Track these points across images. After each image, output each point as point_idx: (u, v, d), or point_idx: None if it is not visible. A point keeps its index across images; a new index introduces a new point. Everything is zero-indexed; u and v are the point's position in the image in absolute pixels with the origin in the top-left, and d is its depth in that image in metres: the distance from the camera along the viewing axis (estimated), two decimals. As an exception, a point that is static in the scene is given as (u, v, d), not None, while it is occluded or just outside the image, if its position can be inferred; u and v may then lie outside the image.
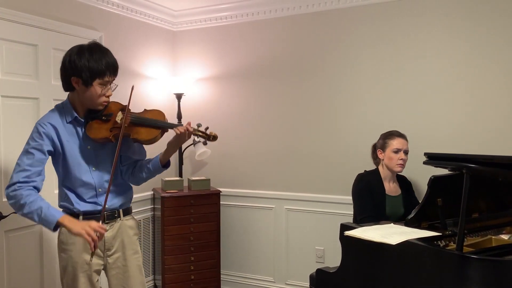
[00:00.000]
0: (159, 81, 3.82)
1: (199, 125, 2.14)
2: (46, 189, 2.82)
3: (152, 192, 3.78)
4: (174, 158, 4.00)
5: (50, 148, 1.97)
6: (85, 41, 3.07)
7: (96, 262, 2.06)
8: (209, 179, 3.67)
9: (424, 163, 2.00)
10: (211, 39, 3.89)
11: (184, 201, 3.49)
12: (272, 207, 3.68)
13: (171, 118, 3.65)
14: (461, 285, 1.72)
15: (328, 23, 3.41)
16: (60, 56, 2.88)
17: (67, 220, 1.86)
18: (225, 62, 3.84)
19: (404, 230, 2.05)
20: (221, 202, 3.66)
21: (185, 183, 3.82)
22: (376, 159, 2.85)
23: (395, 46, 3.18)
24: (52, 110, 2.07)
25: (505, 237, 2.18)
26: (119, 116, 2.06)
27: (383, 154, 2.76)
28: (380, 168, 2.81)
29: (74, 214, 2.02)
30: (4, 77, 2.60)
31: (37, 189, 1.92)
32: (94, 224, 1.85)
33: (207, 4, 3.71)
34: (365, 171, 2.86)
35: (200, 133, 2.13)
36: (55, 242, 2.85)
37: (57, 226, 1.87)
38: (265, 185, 3.72)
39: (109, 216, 2.09)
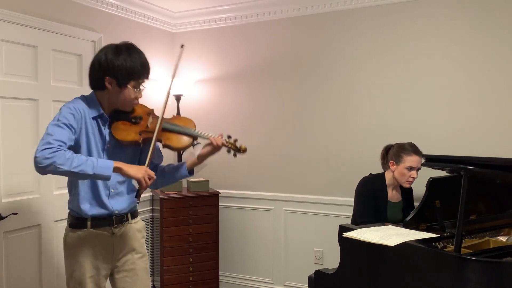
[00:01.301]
0: (158, 83, 3.82)
1: (229, 137, 2.12)
2: (47, 188, 2.83)
3: (151, 193, 3.78)
4: (173, 159, 4.00)
5: (78, 131, 1.89)
6: (84, 43, 3.11)
7: (104, 266, 2.03)
8: (208, 181, 3.68)
9: (423, 165, 2.02)
10: (210, 41, 3.89)
11: (183, 202, 3.49)
12: (271, 209, 3.68)
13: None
14: (459, 286, 1.72)
15: (328, 25, 3.42)
16: (60, 57, 2.93)
17: (122, 164, 1.82)
18: (224, 64, 3.85)
19: (403, 232, 2.05)
20: (220, 204, 3.66)
21: (184, 185, 3.82)
22: (385, 165, 2.80)
23: (397, 48, 3.19)
24: (79, 99, 1.98)
25: (503, 238, 2.19)
26: (149, 120, 2.03)
27: (395, 166, 2.68)
28: (386, 174, 2.76)
29: (82, 219, 1.99)
30: (3, 78, 2.60)
31: None
32: (148, 170, 1.85)
33: (206, 5, 3.72)
34: (370, 174, 2.82)
35: (230, 145, 2.11)
36: (54, 243, 2.87)
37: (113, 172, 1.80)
38: (264, 187, 3.72)
39: (118, 220, 2.05)
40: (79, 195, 1.98)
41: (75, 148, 1.91)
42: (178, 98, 3.77)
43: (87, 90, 2.09)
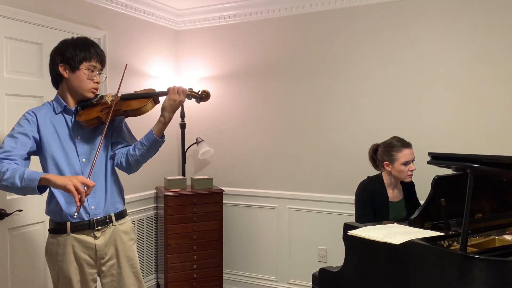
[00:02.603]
0: (162, 80, 3.82)
1: (190, 89, 2.12)
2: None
3: (155, 191, 3.79)
4: (177, 157, 4.00)
5: (36, 135, 1.93)
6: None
7: (89, 271, 1.99)
8: (212, 178, 3.68)
9: (428, 163, 2.00)
10: (215, 38, 3.89)
11: (187, 200, 3.49)
12: (275, 207, 3.68)
13: (174, 116, 3.64)
14: (465, 285, 1.72)
15: (331, 23, 3.41)
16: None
17: (51, 175, 1.78)
18: (228, 62, 3.84)
19: (408, 230, 2.05)
20: (223, 201, 3.66)
21: (188, 182, 3.83)
22: (379, 167, 2.77)
23: (398, 46, 3.18)
24: (42, 104, 2.06)
25: (508, 237, 2.17)
26: (109, 97, 2.05)
27: (390, 166, 2.65)
28: (384, 175, 2.73)
29: (61, 223, 1.95)
30: (8, 76, 2.61)
31: None
32: (80, 177, 1.77)
33: (210, 3, 3.71)
34: (368, 177, 2.79)
35: (191, 93, 2.09)
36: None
37: (41, 186, 1.77)
38: (268, 184, 3.72)
39: (100, 222, 1.98)
40: (53, 193, 1.94)
41: (42, 150, 1.94)
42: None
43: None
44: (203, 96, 2.11)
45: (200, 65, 3.96)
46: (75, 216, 1.81)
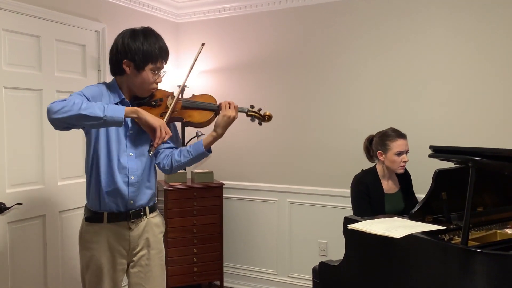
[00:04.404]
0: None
1: (252, 106, 2.10)
2: (52, 178, 2.83)
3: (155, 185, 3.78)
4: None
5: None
6: (88, 33, 3.10)
7: (121, 261, 2.00)
8: (212, 172, 3.67)
9: (430, 156, 1.99)
10: (215, 31, 3.86)
11: (187, 193, 3.49)
12: (275, 200, 3.68)
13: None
14: (466, 279, 1.71)
15: (334, 14, 3.38)
16: (63, 47, 2.92)
17: (139, 109, 1.82)
18: (228, 54, 3.82)
19: (408, 224, 2.04)
20: (224, 195, 3.65)
21: (188, 176, 3.82)
22: (373, 158, 2.77)
23: (399, 41, 3.15)
24: (101, 84, 2.02)
25: (510, 231, 2.17)
26: (169, 101, 2.02)
27: (383, 156, 2.66)
28: (378, 167, 2.73)
29: (98, 213, 1.96)
30: (7, 69, 2.59)
31: None
32: (167, 127, 1.83)
33: (210, -5, 3.69)
34: (362, 170, 2.79)
35: (253, 113, 2.09)
36: (59, 234, 2.87)
37: (124, 117, 1.78)
38: (268, 178, 3.71)
39: (135, 214, 2.00)
40: (96, 182, 1.95)
41: (92, 134, 1.94)
42: (182, 89, 3.74)
43: (91, 81, 2.11)
44: (266, 119, 2.11)
45: (200, 58, 3.90)
46: (150, 155, 1.89)
